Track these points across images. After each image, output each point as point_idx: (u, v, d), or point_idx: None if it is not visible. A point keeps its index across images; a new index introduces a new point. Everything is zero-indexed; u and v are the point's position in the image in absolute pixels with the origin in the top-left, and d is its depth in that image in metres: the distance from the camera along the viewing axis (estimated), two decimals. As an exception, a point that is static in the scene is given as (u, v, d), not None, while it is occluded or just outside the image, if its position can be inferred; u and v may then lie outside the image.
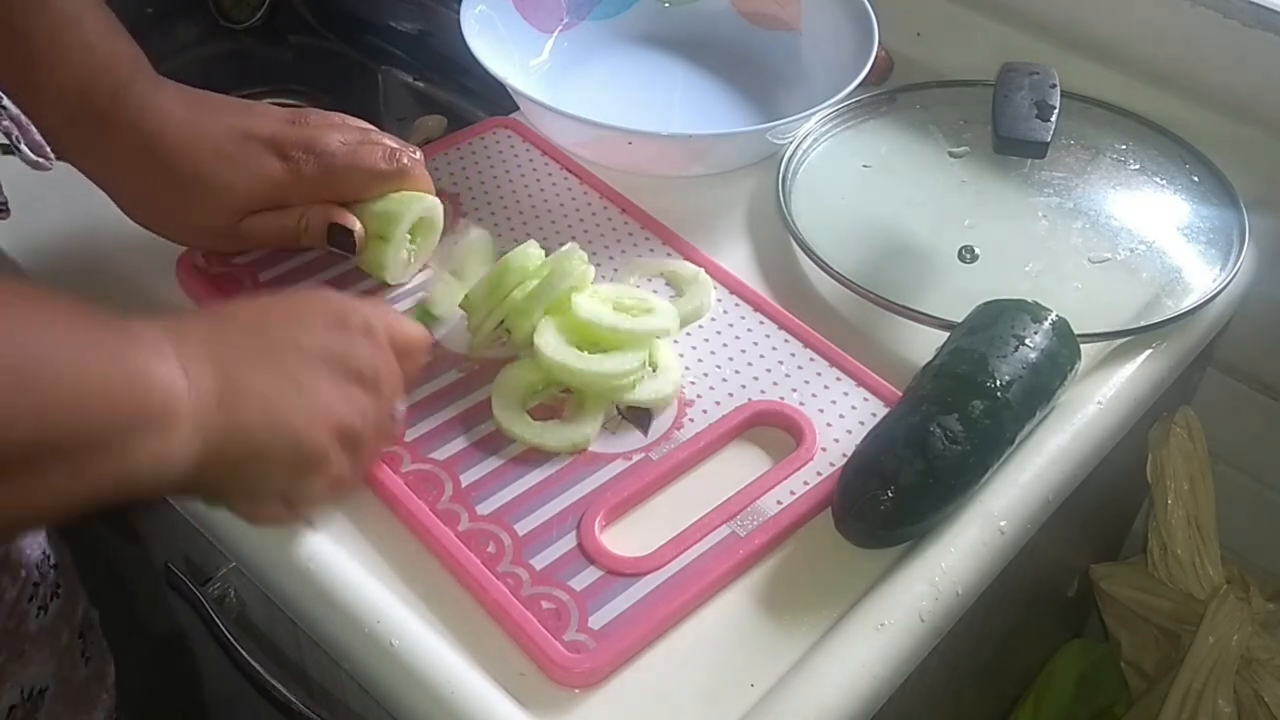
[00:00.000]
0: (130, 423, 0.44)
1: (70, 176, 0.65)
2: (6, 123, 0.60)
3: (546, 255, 0.67)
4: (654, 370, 0.66)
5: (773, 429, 0.65)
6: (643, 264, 0.73)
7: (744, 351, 0.68)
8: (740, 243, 0.78)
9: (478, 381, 0.65)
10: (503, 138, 0.83)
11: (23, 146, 0.61)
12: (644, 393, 0.64)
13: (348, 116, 0.70)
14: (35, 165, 0.63)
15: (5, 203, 0.65)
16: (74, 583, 0.67)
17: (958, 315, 0.67)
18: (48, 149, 0.63)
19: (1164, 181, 0.81)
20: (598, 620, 0.55)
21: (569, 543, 0.58)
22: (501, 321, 0.66)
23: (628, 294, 0.68)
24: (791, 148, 0.81)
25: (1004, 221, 0.78)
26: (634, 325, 0.65)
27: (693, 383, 0.66)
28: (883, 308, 0.70)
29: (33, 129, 0.62)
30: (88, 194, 0.67)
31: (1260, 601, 0.90)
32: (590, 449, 0.62)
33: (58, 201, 0.73)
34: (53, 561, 0.64)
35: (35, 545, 0.63)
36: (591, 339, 0.65)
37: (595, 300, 0.66)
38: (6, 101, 0.60)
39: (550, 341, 0.63)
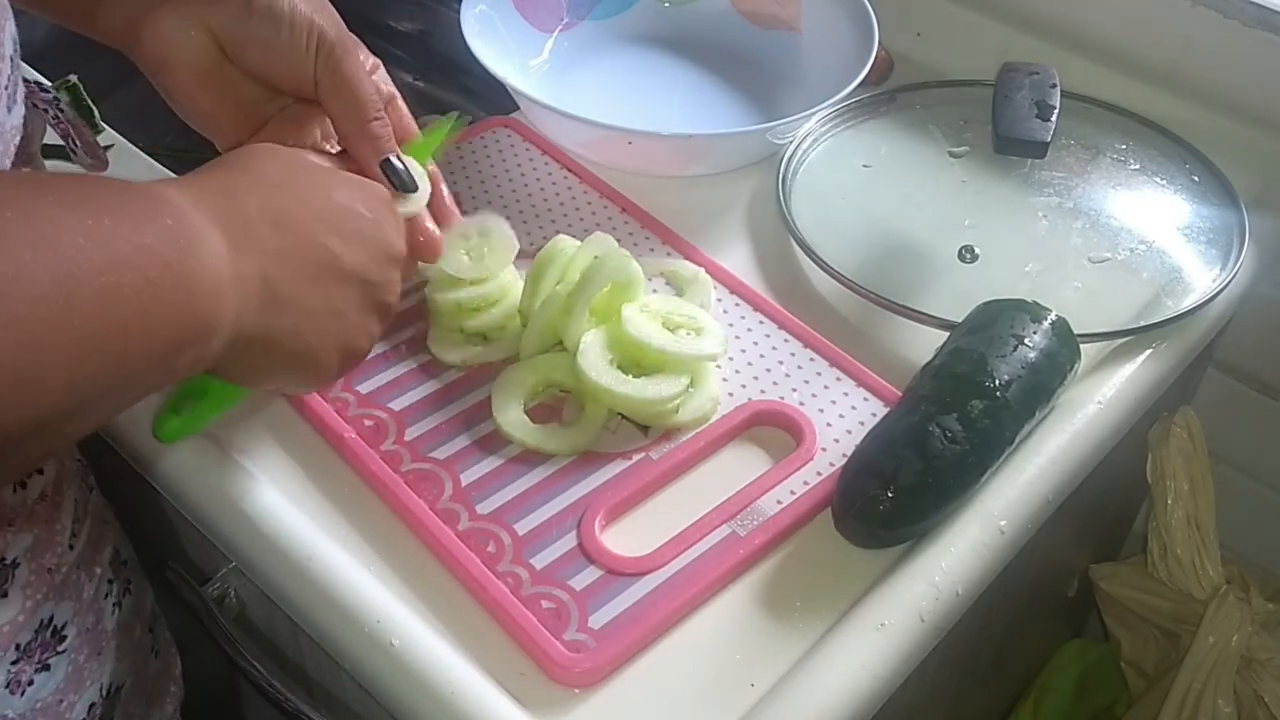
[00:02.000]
0: (179, 345, 0.42)
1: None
2: (64, 125, 0.61)
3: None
4: (692, 387, 0.64)
5: (773, 429, 0.65)
6: (643, 264, 0.73)
7: (744, 351, 0.68)
8: (740, 243, 0.78)
9: (478, 381, 0.65)
10: (503, 137, 0.83)
11: (79, 150, 0.62)
12: (685, 414, 0.63)
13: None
14: (91, 167, 0.63)
15: None
16: (142, 578, 0.67)
17: (958, 315, 0.67)
18: (101, 150, 0.63)
19: (1164, 181, 0.81)
20: (598, 620, 0.55)
21: (569, 542, 0.58)
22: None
23: (678, 309, 0.66)
24: (791, 148, 0.81)
25: (1004, 221, 0.78)
26: (684, 349, 0.63)
27: (693, 383, 0.66)
28: (883, 308, 0.70)
29: (87, 131, 0.62)
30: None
31: (1260, 601, 0.90)
32: (590, 449, 0.62)
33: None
34: (123, 557, 0.65)
35: (106, 541, 0.63)
36: (636, 355, 0.64)
37: (645, 317, 0.64)
38: (64, 105, 0.60)
39: (594, 363, 0.62)
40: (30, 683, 0.56)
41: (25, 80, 0.59)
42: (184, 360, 0.43)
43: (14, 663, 0.54)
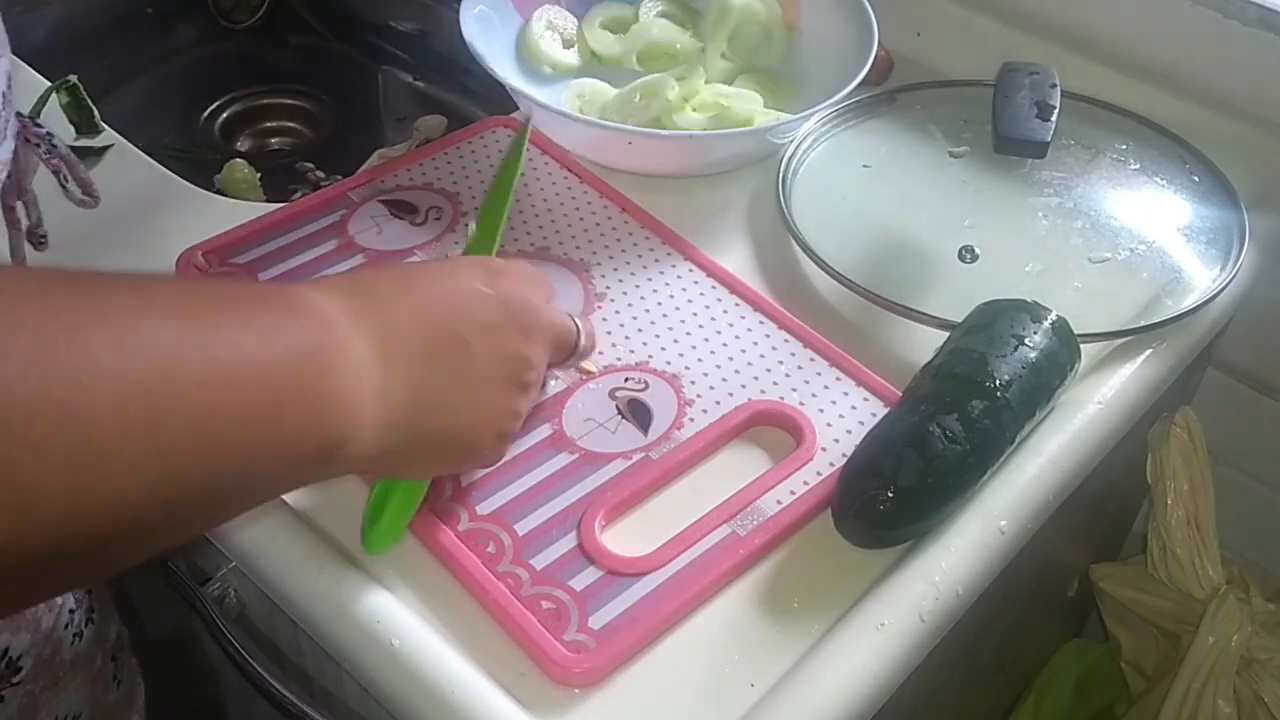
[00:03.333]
0: (301, 461, 0.40)
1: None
2: (56, 161, 0.61)
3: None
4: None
5: (773, 429, 0.65)
6: None
7: (744, 351, 0.68)
8: (740, 243, 0.78)
9: (478, 381, 0.65)
10: (503, 137, 0.83)
11: (70, 184, 0.62)
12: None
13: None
14: (82, 204, 0.63)
15: (45, 236, 0.65)
16: (107, 605, 0.65)
17: (958, 315, 0.67)
18: (94, 187, 0.63)
19: (1164, 181, 0.81)
20: (598, 620, 0.55)
21: (569, 543, 0.58)
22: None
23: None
24: (791, 148, 0.81)
25: (1004, 221, 0.78)
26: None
27: (693, 382, 0.66)
28: (883, 308, 0.70)
29: (79, 167, 0.61)
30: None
31: (1260, 601, 0.90)
32: (590, 449, 0.62)
33: (55, 201, 0.73)
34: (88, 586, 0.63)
35: None
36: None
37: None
38: (57, 141, 0.60)
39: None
40: None
41: (19, 115, 0.59)
42: (311, 472, 0.42)
43: None
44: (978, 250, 0.75)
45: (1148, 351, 0.71)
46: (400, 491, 0.56)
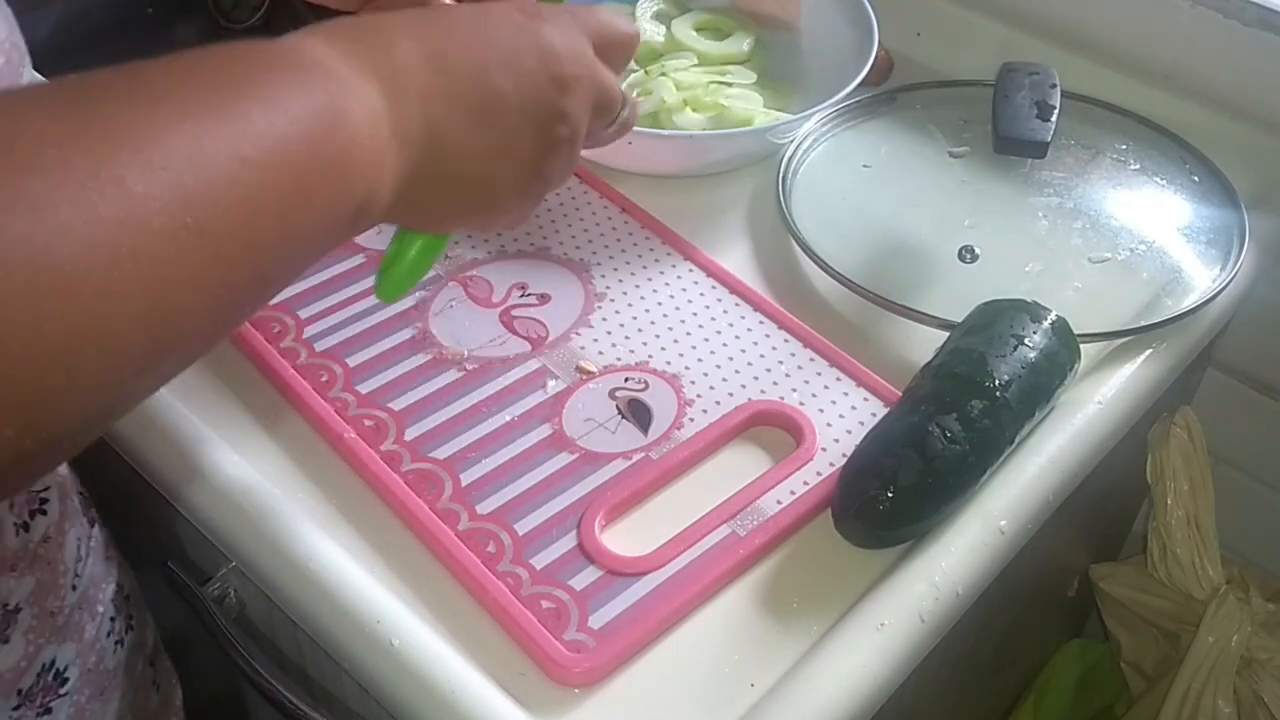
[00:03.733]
0: (336, 223, 0.38)
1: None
2: None
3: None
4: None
5: (773, 429, 0.65)
6: None
7: (744, 351, 0.68)
8: (740, 243, 0.78)
9: (477, 381, 0.65)
10: (503, 138, 0.83)
11: None
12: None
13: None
14: None
15: None
16: (143, 611, 0.65)
17: (958, 315, 0.67)
18: None
19: (1164, 181, 0.81)
20: (598, 620, 0.55)
21: (569, 542, 0.58)
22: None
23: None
24: (791, 148, 0.81)
25: (1004, 221, 0.78)
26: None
27: (693, 382, 0.66)
28: (883, 308, 0.70)
29: None
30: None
31: (1260, 601, 0.90)
32: (590, 449, 0.62)
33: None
34: (125, 592, 0.63)
35: (109, 578, 0.62)
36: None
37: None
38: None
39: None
40: None
41: None
42: (343, 233, 0.40)
43: (15, 708, 0.53)
44: (978, 250, 0.75)
45: (1148, 351, 0.71)
46: (420, 244, 0.52)
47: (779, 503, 0.60)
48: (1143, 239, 0.77)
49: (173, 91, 0.34)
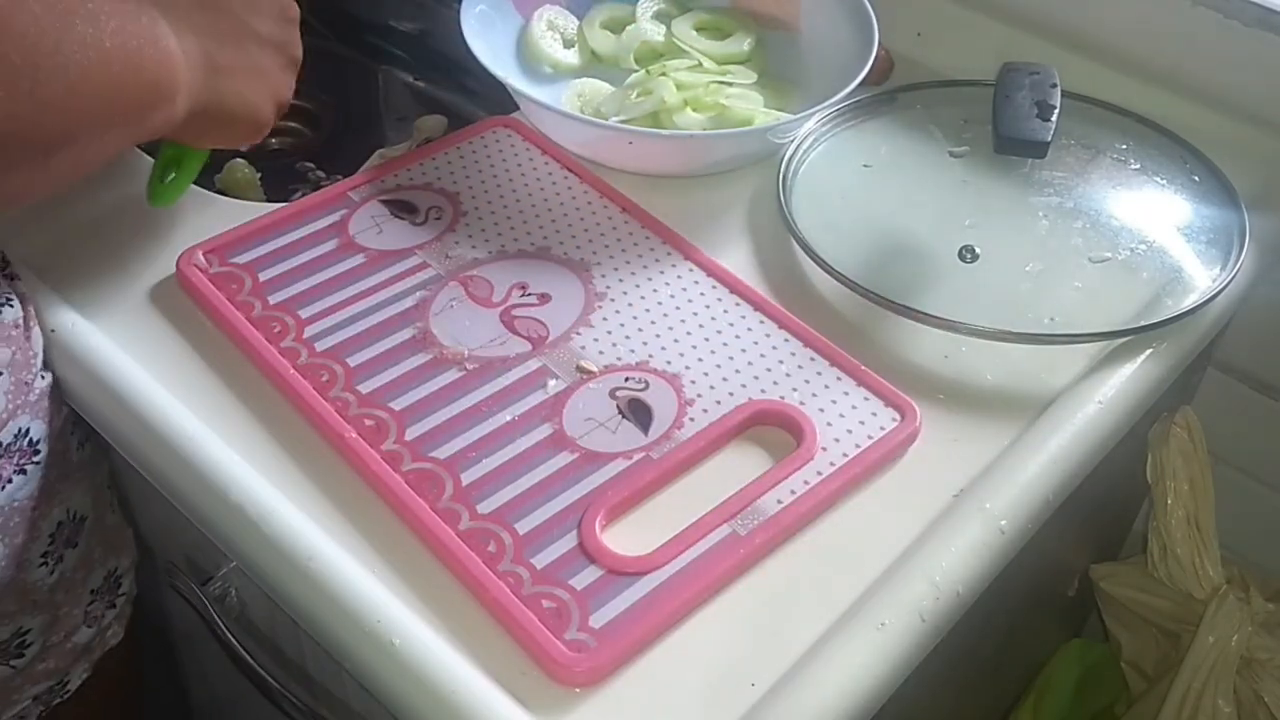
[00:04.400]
0: (154, 96, 0.54)
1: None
2: None
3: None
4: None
5: (773, 428, 0.65)
6: None
7: (744, 351, 0.68)
8: (740, 243, 0.78)
9: (478, 380, 0.65)
10: (503, 137, 0.83)
11: None
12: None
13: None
14: None
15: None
16: (100, 453, 0.74)
17: (958, 315, 0.67)
18: None
19: (1164, 181, 0.81)
20: (598, 619, 0.55)
21: (570, 542, 0.58)
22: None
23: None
24: (791, 148, 0.81)
25: (1004, 221, 0.78)
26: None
27: (693, 382, 0.66)
28: (883, 307, 0.70)
29: None
30: (90, 194, 0.67)
31: (1260, 601, 0.90)
32: (590, 448, 0.62)
33: (59, 200, 0.73)
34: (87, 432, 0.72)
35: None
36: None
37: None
38: None
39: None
40: (9, 481, 0.65)
41: None
42: (156, 119, 0.55)
43: None
44: (978, 250, 0.75)
45: (1148, 351, 0.71)
46: (188, 158, 0.70)
47: (779, 502, 0.60)
48: (1143, 239, 0.77)
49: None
